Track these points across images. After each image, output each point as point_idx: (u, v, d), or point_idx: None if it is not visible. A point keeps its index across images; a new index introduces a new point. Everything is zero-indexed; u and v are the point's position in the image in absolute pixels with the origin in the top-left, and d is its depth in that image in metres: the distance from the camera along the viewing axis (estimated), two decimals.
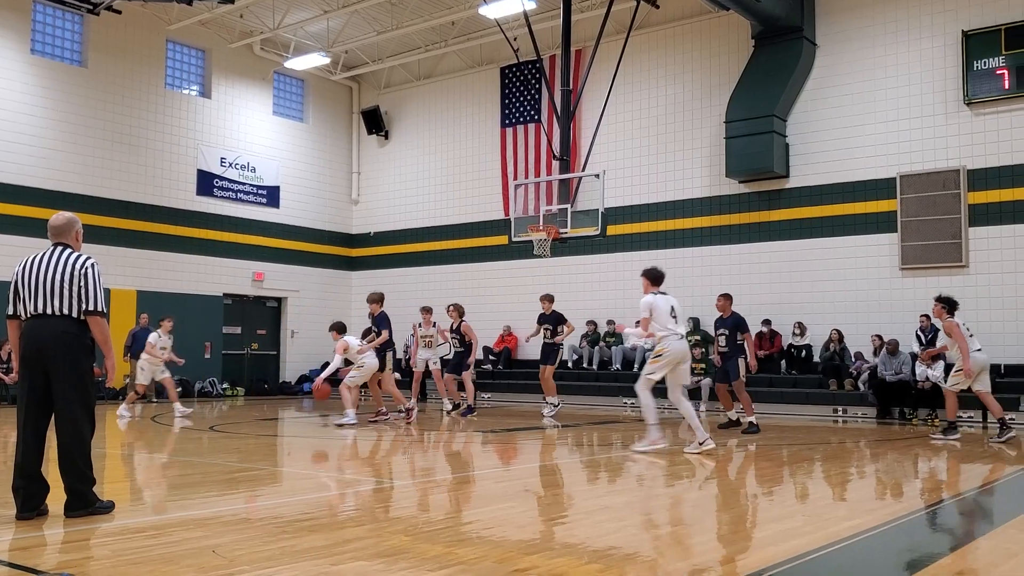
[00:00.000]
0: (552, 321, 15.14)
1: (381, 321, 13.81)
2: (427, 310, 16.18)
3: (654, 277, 10.15)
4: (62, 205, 17.34)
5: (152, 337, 15.58)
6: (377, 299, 14.16)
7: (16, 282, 5.79)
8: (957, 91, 16.54)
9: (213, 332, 21.73)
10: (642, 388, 10.02)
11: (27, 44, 18.93)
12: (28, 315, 5.74)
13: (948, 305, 11.85)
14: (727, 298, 13.02)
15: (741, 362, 12.65)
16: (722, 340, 12.87)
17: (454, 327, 15.36)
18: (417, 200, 24.11)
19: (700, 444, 9.98)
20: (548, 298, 15.40)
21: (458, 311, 15.35)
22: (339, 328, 13.89)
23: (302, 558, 4.65)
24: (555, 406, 15.14)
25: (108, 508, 5.82)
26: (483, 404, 19.29)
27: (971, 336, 11.81)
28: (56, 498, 5.71)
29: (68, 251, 5.84)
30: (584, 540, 5.23)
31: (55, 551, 5.01)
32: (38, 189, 18.61)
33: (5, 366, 17.05)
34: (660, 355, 9.90)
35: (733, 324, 12.76)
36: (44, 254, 5.82)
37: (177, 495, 7.03)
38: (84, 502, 5.68)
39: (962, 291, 16.20)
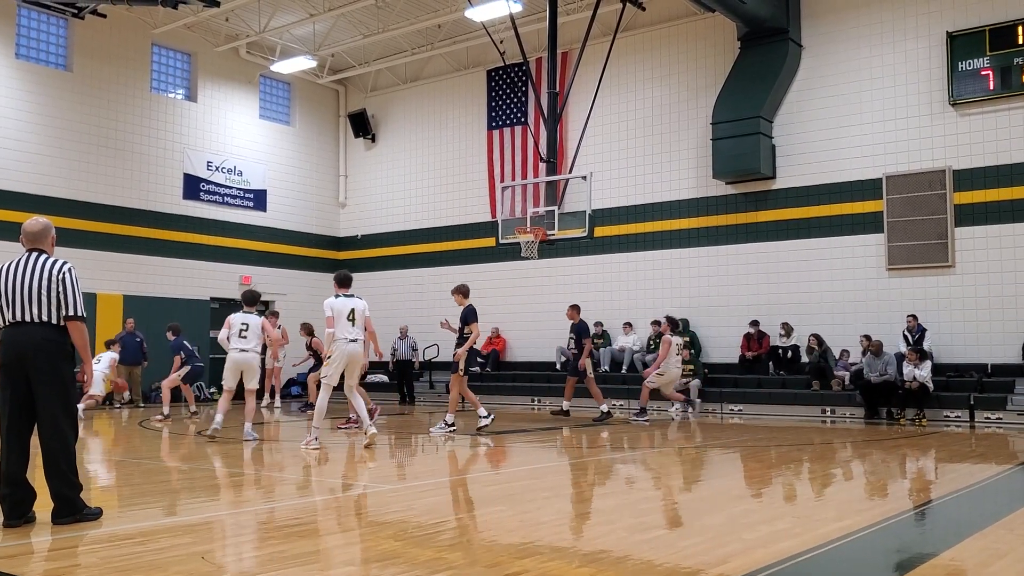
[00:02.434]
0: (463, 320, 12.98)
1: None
2: (274, 315, 18.56)
3: (340, 280, 10.81)
4: (47, 210, 17.25)
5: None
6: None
7: None
8: (942, 92, 16.62)
9: (200, 336, 21.57)
10: (322, 391, 10.57)
11: (12, 48, 18.79)
12: (7, 323, 5.71)
13: (672, 324, 15.28)
14: (575, 308, 15.56)
15: (588, 361, 15.11)
16: (571, 343, 15.53)
17: (308, 344, 17.03)
18: (404, 203, 24.08)
19: (366, 434, 10.50)
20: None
21: (306, 329, 17.05)
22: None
23: (291, 564, 4.63)
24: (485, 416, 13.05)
25: (96, 515, 5.77)
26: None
27: (678, 355, 15.16)
28: (44, 505, 5.67)
29: (44, 257, 5.80)
30: (574, 543, 5.23)
31: (42, 559, 4.96)
32: (23, 194, 18.45)
33: None
34: (330, 357, 10.47)
35: (577, 330, 15.31)
36: (20, 260, 5.77)
37: (165, 501, 6.98)
38: (72, 508, 5.64)
39: (948, 291, 16.34)
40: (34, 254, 5.81)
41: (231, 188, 22.59)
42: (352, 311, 10.47)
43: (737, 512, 6.42)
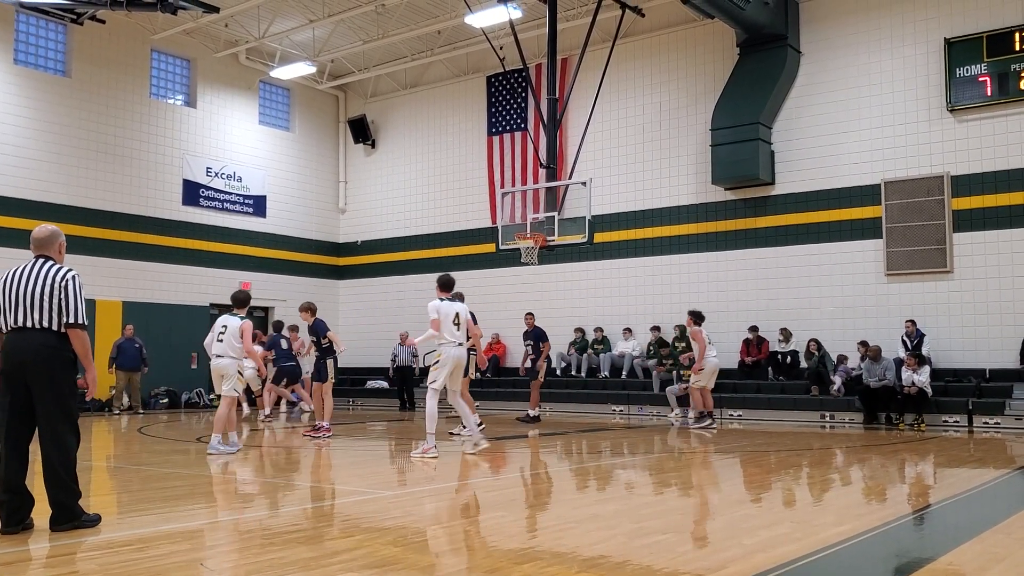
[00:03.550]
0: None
1: (321, 328, 13.39)
2: (293, 328, 17.44)
3: (443, 283, 10.61)
4: (47, 216, 17.24)
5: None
6: (310, 308, 13.56)
7: None
8: (940, 98, 16.66)
9: (200, 342, 21.56)
10: (429, 396, 10.26)
11: (10, 54, 18.81)
12: (9, 328, 5.71)
13: (696, 317, 15.21)
14: (531, 316, 16.42)
15: (543, 365, 15.78)
16: (529, 348, 16.19)
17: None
18: (404, 209, 24.09)
19: (475, 445, 10.42)
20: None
21: (294, 331, 17.04)
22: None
23: (290, 570, 4.63)
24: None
25: (94, 521, 5.77)
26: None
27: (710, 344, 15.20)
28: (42, 512, 5.66)
29: (50, 264, 5.80)
30: (575, 549, 5.22)
31: (40, 566, 4.96)
32: (22, 200, 18.46)
33: None
34: (438, 361, 10.25)
35: (535, 336, 16.00)
36: (26, 267, 5.78)
37: (164, 507, 6.98)
38: (70, 515, 5.63)
39: (947, 296, 16.35)
40: (40, 260, 5.82)
41: (231, 194, 22.60)
42: (457, 315, 10.34)
43: (737, 517, 6.42)
